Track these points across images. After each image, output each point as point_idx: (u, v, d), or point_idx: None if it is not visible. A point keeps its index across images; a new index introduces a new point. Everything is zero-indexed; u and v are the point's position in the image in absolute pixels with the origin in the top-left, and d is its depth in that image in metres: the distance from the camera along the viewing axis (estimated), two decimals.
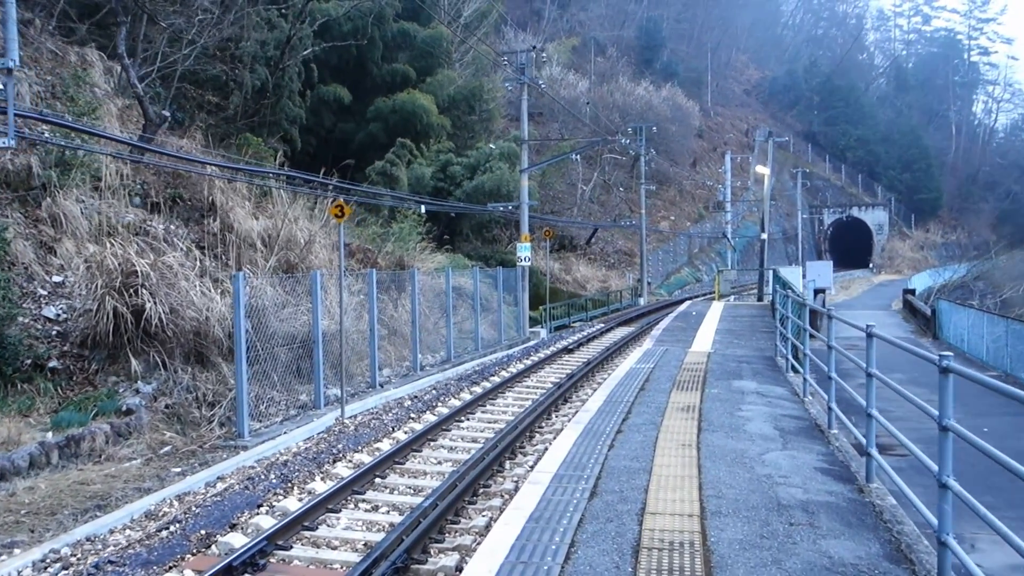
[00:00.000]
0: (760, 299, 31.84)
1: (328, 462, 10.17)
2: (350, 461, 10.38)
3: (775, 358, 14.14)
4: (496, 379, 17.20)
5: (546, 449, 9.64)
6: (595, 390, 13.04)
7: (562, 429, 9.16)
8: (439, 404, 14.21)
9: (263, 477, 9.32)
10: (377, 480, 9.60)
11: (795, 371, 12.32)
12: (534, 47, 32.37)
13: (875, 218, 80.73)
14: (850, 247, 78.05)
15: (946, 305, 26.25)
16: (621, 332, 27.02)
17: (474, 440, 11.81)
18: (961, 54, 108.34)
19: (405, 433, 12.06)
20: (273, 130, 26.74)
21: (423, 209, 23.87)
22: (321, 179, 18.81)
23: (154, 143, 17.98)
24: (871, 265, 76.33)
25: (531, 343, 25.40)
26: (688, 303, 31.17)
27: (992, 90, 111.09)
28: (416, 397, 14.77)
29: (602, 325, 29.33)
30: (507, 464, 10.39)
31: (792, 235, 71.77)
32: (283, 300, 14.82)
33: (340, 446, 10.87)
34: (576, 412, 10.16)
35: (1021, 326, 18.04)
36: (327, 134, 32.08)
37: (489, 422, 12.96)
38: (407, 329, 19.01)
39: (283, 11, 26.60)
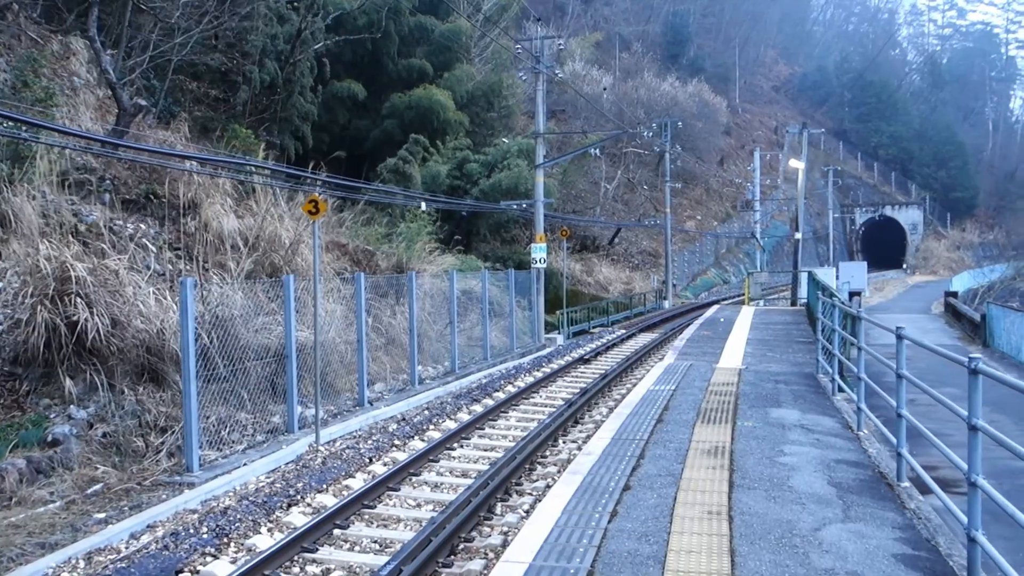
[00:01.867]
0: (794, 303, 29.83)
1: (282, 506, 8.48)
2: (309, 505, 8.69)
3: (816, 375, 12.28)
4: (500, 395, 15.48)
5: (530, 511, 7.89)
6: (602, 421, 11.31)
7: (552, 485, 7.41)
8: (431, 427, 12.50)
9: (195, 529, 7.64)
10: (336, 531, 7.91)
11: (841, 390, 10.51)
12: (552, 36, 30.57)
13: (909, 217, 78.09)
14: (883, 247, 75.52)
15: (998, 310, 24.11)
16: (643, 339, 25.19)
17: (464, 475, 10.10)
18: (998, 48, 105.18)
19: (384, 465, 10.36)
20: (284, 127, 25.42)
21: (423, 206, 22.16)
22: (310, 174, 17.14)
23: (130, 135, 16.49)
24: (905, 266, 73.76)
25: (546, 351, 23.64)
26: (715, 308, 29.24)
27: None
28: (405, 419, 13.06)
29: (623, 331, 27.51)
30: (498, 508, 8.67)
31: (823, 235, 69.41)
32: (259, 307, 13.18)
33: (302, 484, 9.18)
34: (573, 457, 8.42)
35: None
36: (341, 131, 30.82)
37: (485, 449, 11.23)
38: (406, 338, 17.32)
39: (294, 4, 25.22)
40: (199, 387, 10.40)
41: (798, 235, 30.74)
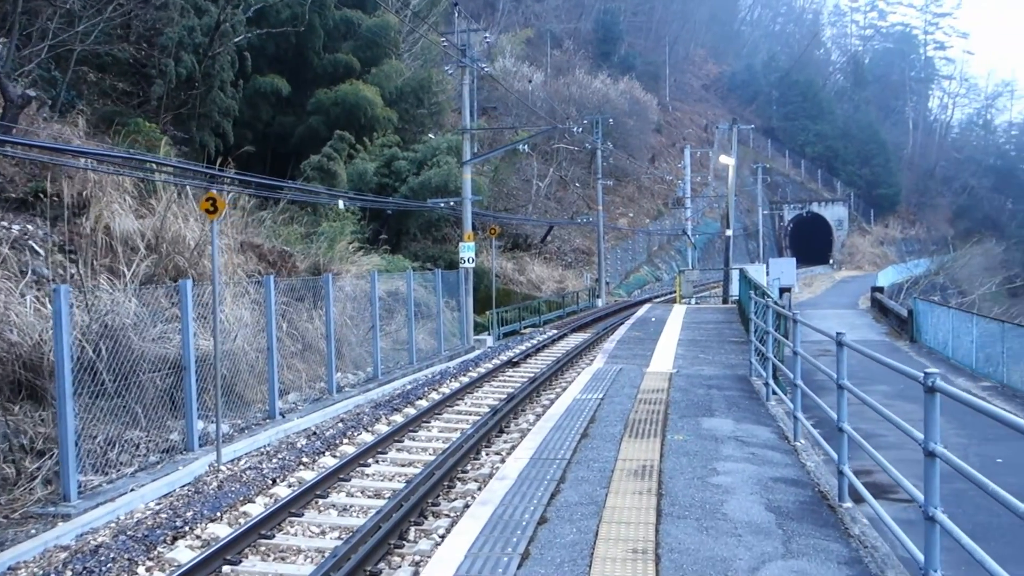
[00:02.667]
0: (725, 301, 29.65)
1: (166, 539, 7.58)
2: (198, 536, 7.80)
3: (749, 378, 11.80)
4: (424, 403, 14.69)
5: (444, 536, 7.14)
6: (528, 429, 10.62)
7: (459, 517, 6.68)
8: (345, 441, 11.66)
9: (57, 573, 6.70)
10: (226, 568, 7.05)
11: (775, 393, 10.02)
12: (478, 28, 29.87)
13: (835, 214, 79.45)
14: (810, 243, 76.68)
15: (924, 305, 24.23)
16: (574, 340, 24.64)
17: (377, 495, 9.31)
18: (917, 49, 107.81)
19: (289, 487, 9.50)
20: (203, 123, 24.24)
21: (341, 204, 21.23)
22: (217, 171, 16.09)
23: (20, 129, 15.22)
24: (831, 261, 75.00)
25: (474, 354, 22.90)
26: (647, 306, 28.87)
27: (948, 85, 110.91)
28: (318, 432, 12.18)
29: (555, 332, 26.94)
30: (412, 533, 7.91)
31: (753, 232, 70.12)
32: (159, 314, 12.15)
33: (192, 512, 8.27)
34: (496, 470, 7.70)
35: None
36: (265, 128, 29.72)
37: (402, 465, 10.44)
38: (325, 344, 16.40)
39: None
40: (83, 404, 9.42)
41: (729, 232, 30.59)
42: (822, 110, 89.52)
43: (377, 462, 10.64)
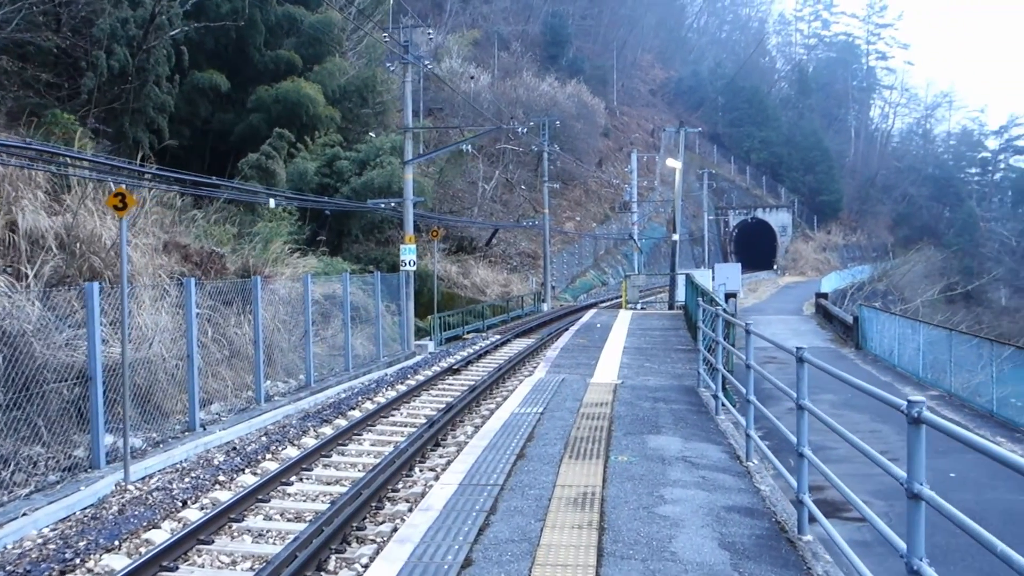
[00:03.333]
0: (671, 307, 29.32)
1: (53, 574, 6.74)
2: (90, 571, 6.97)
3: (697, 389, 11.29)
4: (357, 413, 13.94)
5: (370, 563, 6.43)
6: (466, 442, 9.97)
7: (386, 542, 5.98)
8: (268, 456, 10.86)
9: None
10: None
11: (724, 405, 9.52)
12: (421, 25, 29.17)
13: (779, 220, 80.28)
14: (755, 249, 77.32)
15: (870, 312, 24.14)
16: (517, 346, 24.03)
17: (298, 517, 8.55)
18: (860, 59, 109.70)
19: (201, 509, 8.69)
20: (137, 118, 23.13)
21: (272, 203, 20.35)
22: (138, 167, 15.12)
23: None
24: (776, 267, 75.70)
25: (415, 360, 22.16)
26: (593, 312, 28.38)
27: (889, 95, 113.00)
28: (237, 448, 11.34)
29: (498, 337, 26.29)
30: (332, 562, 7.18)
31: (698, 237, 70.40)
32: (67, 319, 11.22)
33: (87, 541, 7.43)
34: (429, 489, 7.01)
35: (978, 341, 15.73)
36: (203, 125, 28.74)
37: (328, 483, 9.70)
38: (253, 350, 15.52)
39: None
40: None
41: (675, 236, 30.29)
42: (767, 117, 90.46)
43: (301, 480, 9.88)
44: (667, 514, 5.56)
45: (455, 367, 19.08)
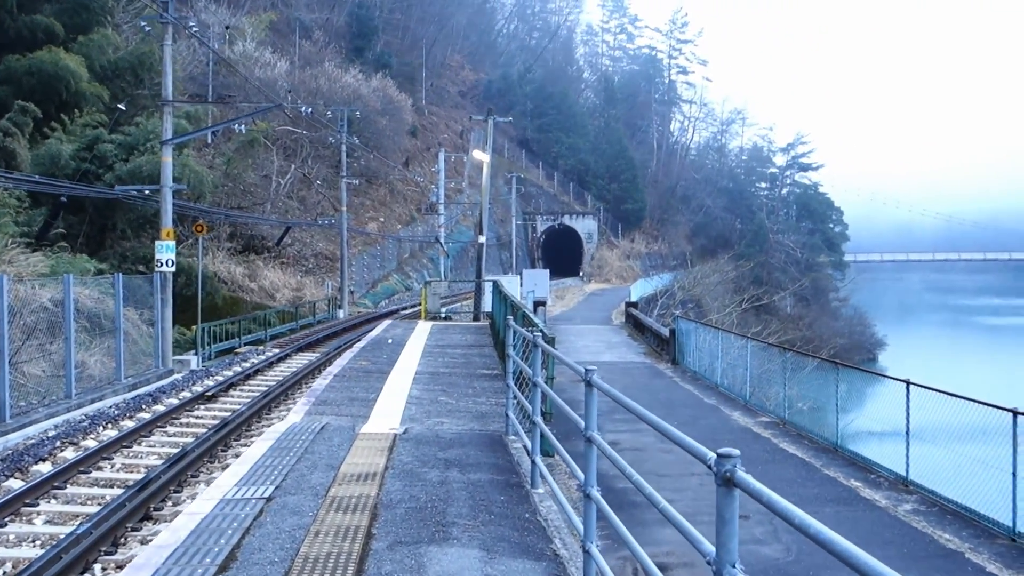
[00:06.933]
0: (477, 318, 26.56)
1: None
2: None
3: (506, 437, 8.42)
4: (43, 469, 10.03)
5: None
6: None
7: None
8: None
9: None
10: None
11: (544, 476, 6.65)
12: None
13: (585, 227, 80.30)
14: (562, 255, 76.83)
15: (687, 324, 22.43)
16: (298, 362, 20.48)
17: None
18: (662, 73, 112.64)
19: None
20: None
21: None
22: None
23: None
24: (582, 274, 75.47)
25: (168, 380, 18.14)
26: (388, 322, 25.11)
27: (688, 109, 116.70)
28: None
29: (278, 350, 22.56)
30: None
31: (507, 242, 68.77)
32: None
33: None
34: None
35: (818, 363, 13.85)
36: None
37: None
38: None
39: None
40: None
41: (482, 238, 27.64)
42: (575, 124, 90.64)
43: None
44: None
45: (211, 392, 15.37)
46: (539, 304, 35.90)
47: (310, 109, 29.42)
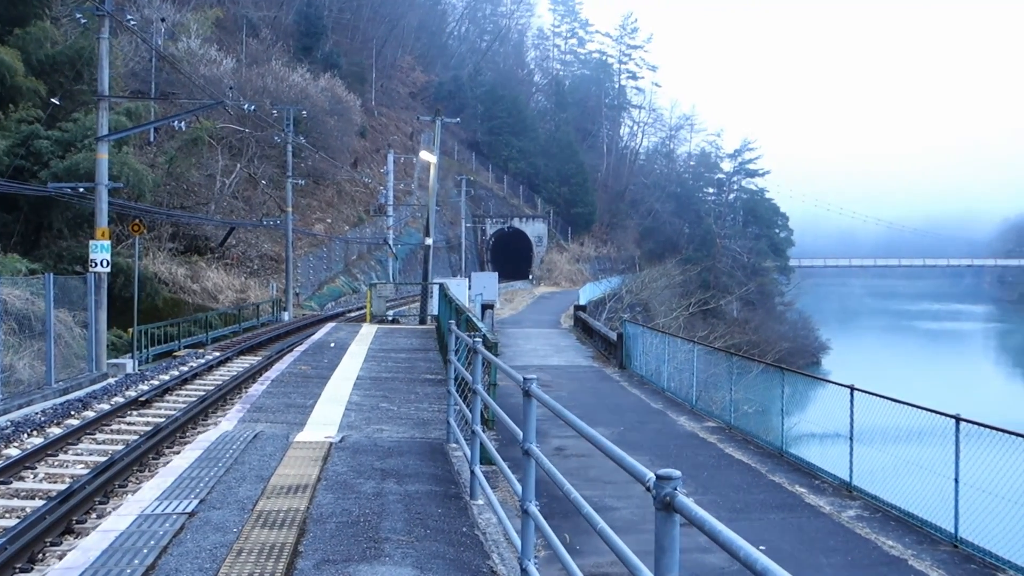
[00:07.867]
0: (423, 321, 26.22)
1: None
2: None
3: (447, 445, 8.16)
4: None
5: None
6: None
7: None
8: None
9: None
10: None
11: (484, 488, 6.42)
12: None
13: (535, 230, 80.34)
14: (511, 258, 76.72)
15: (634, 328, 22.38)
16: (238, 366, 19.97)
17: None
18: (612, 78, 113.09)
19: None
20: None
21: None
22: None
23: None
24: (531, 277, 75.42)
25: (101, 385, 17.51)
26: (331, 325, 24.66)
27: (638, 114, 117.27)
28: None
29: (219, 354, 21.99)
30: None
31: (456, 244, 68.42)
32: None
33: None
34: None
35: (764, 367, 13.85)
36: None
37: None
38: None
39: None
40: None
41: (429, 240, 27.31)
42: (526, 127, 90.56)
43: None
44: None
45: (145, 398, 14.85)
46: (487, 307, 35.69)
47: (254, 107, 28.83)
